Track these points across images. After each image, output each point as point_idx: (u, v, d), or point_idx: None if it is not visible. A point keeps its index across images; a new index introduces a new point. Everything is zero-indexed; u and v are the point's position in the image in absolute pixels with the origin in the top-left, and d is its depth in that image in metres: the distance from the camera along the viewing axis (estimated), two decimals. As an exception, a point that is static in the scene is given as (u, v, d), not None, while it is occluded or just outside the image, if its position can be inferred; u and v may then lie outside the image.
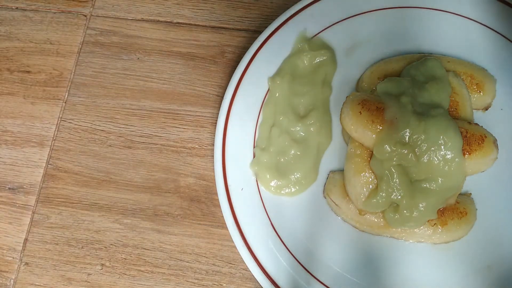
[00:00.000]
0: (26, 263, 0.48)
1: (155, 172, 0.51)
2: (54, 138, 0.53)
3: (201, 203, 0.49)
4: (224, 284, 0.47)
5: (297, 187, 0.47)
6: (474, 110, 0.48)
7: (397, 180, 0.42)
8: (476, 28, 0.50)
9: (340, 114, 0.47)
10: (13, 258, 0.49)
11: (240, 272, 0.47)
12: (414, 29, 0.51)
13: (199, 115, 0.53)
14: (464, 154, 0.42)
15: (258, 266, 0.44)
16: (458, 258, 0.44)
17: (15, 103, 0.54)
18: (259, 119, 0.50)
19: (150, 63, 0.55)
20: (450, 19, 0.51)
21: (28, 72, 0.55)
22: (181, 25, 0.56)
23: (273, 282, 0.44)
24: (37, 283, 0.47)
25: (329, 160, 0.48)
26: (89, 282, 0.47)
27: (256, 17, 0.56)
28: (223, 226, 0.47)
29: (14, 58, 0.56)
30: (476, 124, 0.45)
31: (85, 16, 0.57)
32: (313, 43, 0.51)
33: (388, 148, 0.42)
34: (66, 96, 0.54)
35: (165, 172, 0.51)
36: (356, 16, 0.52)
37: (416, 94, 0.44)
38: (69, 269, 0.48)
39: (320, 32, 0.52)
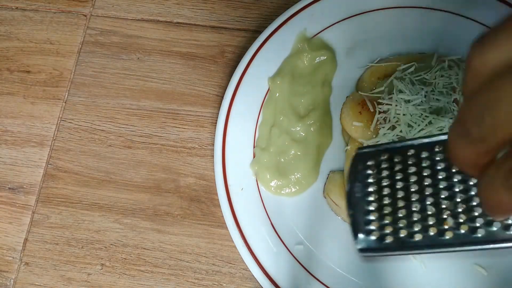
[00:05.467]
0: (26, 263, 0.48)
1: (155, 172, 0.51)
2: (54, 138, 0.53)
3: (201, 203, 0.49)
4: (224, 284, 0.47)
5: (297, 187, 0.47)
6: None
7: (397, 180, 0.42)
8: (477, 28, 0.50)
9: (340, 114, 0.47)
10: (13, 258, 0.49)
11: (240, 272, 0.47)
12: (414, 29, 0.51)
13: (199, 115, 0.53)
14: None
15: (258, 266, 0.44)
16: (458, 258, 0.44)
17: (15, 103, 0.54)
18: (259, 119, 0.50)
19: (150, 63, 0.55)
20: (451, 19, 0.51)
21: (28, 72, 0.55)
22: (181, 25, 0.56)
23: (273, 282, 0.44)
24: (37, 283, 0.47)
25: (329, 160, 0.48)
26: (89, 282, 0.47)
27: (256, 17, 0.56)
28: (223, 226, 0.47)
29: (14, 58, 0.56)
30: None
31: (85, 16, 0.57)
32: (313, 43, 0.51)
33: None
34: (66, 96, 0.54)
35: (165, 172, 0.51)
36: (356, 16, 0.52)
37: (416, 94, 0.44)
38: (69, 269, 0.48)
39: (320, 32, 0.52)
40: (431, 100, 0.43)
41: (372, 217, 0.31)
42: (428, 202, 0.30)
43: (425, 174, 0.31)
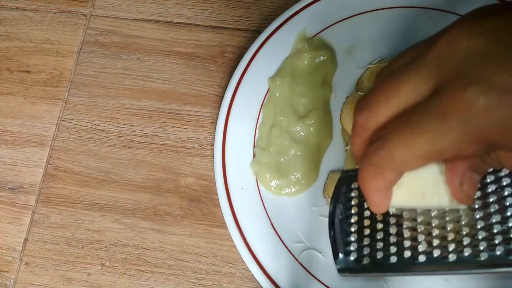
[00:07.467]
0: (26, 263, 0.48)
1: (155, 172, 0.51)
2: (54, 138, 0.53)
3: (201, 203, 0.49)
4: (224, 284, 0.47)
5: (297, 187, 0.47)
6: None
7: (397, 180, 0.42)
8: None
9: (340, 114, 0.47)
10: (13, 258, 0.49)
11: (240, 272, 0.47)
12: (414, 29, 0.51)
13: (199, 115, 0.53)
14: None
15: (258, 266, 0.44)
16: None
17: (15, 103, 0.54)
18: (259, 119, 0.50)
19: (150, 63, 0.55)
20: (451, 18, 0.51)
21: (28, 72, 0.55)
22: (181, 25, 0.56)
23: (273, 282, 0.44)
24: (37, 283, 0.47)
25: (329, 160, 0.48)
26: (89, 282, 0.47)
27: (256, 17, 0.56)
28: (223, 226, 0.47)
29: (14, 58, 0.56)
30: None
31: (85, 16, 0.57)
32: (313, 43, 0.51)
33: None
34: (66, 96, 0.54)
35: (165, 172, 0.51)
36: (356, 16, 0.52)
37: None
38: (69, 269, 0.48)
39: (320, 32, 0.52)
40: None
41: (352, 238, 0.32)
42: (405, 226, 0.31)
43: None
